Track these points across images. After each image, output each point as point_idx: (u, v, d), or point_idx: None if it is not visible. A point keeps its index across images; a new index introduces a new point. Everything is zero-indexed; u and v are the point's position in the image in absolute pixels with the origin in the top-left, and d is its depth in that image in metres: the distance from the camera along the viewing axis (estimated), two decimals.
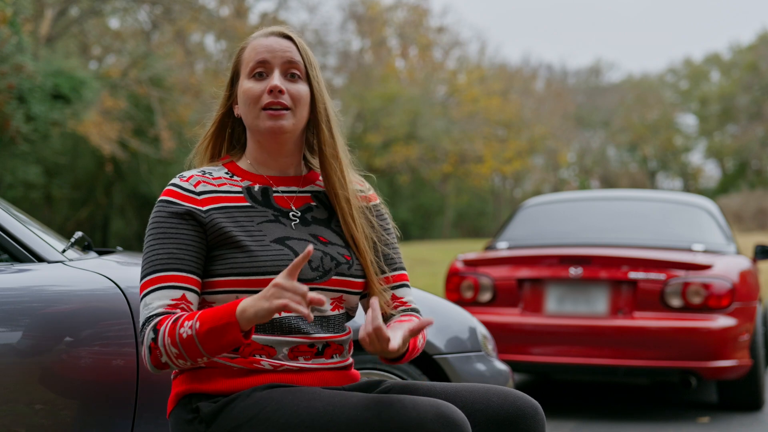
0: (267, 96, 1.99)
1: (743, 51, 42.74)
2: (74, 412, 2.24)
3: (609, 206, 6.53)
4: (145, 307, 1.91)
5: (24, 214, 2.67)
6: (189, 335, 1.82)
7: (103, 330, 2.29)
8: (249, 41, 2.07)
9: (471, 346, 2.96)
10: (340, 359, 2.03)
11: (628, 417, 5.42)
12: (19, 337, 2.20)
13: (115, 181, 22.50)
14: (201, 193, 1.99)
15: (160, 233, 1.95)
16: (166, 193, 2.00)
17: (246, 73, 2.03)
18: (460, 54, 34.52)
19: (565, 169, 43.54)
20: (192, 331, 1.82)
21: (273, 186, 2.06)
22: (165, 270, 1.92)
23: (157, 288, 1.91)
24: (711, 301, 5.19)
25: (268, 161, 2.07)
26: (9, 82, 11.28)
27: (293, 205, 2.06)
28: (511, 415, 1.91)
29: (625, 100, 44.02)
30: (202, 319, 1.82)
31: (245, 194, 2.02)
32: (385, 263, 2.10)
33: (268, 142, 2.04)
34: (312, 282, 1.97)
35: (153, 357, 1.87)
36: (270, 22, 21.25)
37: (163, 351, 1.85)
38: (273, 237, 1.98)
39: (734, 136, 42.28)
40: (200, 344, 1.82)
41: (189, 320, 1.84)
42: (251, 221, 1.99)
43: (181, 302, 1.91)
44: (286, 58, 2.01)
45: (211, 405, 1.91)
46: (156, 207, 2.00)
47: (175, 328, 1.84)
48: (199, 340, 1.82)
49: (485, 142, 29.70)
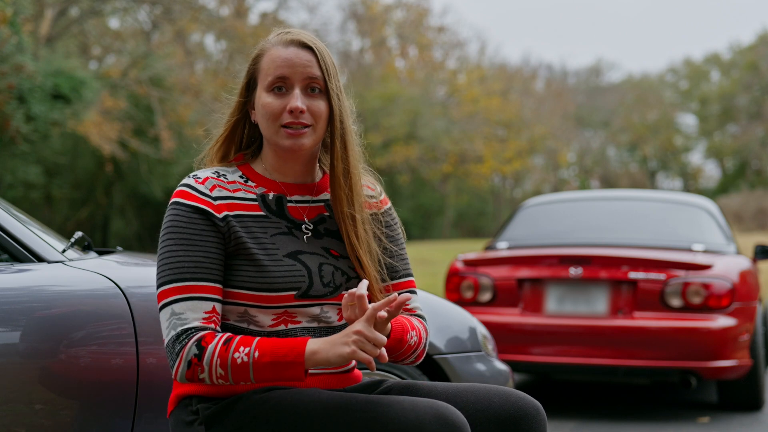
0: (287, 115, 1.94)
1: (743, 51, 42.74)
2: (74, 412, 2.24)
3: (609, 206, 6.53)
4: (175, 316, 1.86)
5: (24, 214, 2.67)
6: (244, 362, 1.81)
7: (103, 330, 2.29)
8: (267, 48, 2.00)
9: (471, 346, 2.96)
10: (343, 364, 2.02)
11: (628, 417, 5.42)
12: (19, 337, 2.20)
13: (115, 181, 22.49)
14: (217, 198, 1.95)
15: (183, 238, 1.91)
16: (181, 194, 1.95)
17: (265, 85, 1.97)
18: (460, 54, 34.54)
19: (565, 169, 43.54)
20: (249, 359, 1.81)
21: (287, 195, 2.03)
22: (193, 279, 1.89)
23: (187, 298, 1.87)
24: (711, 301, 5.18)
25: (283, 168, 2.04)
26: (9, 82, 11.28)
27: (306, 217, 2.03)
28: (513, 416, 1.91)
29: (625, 100, 44.02)
30: (263, 349, 1.81)
31: (260, 203, 1.99)
32: (391, 272, 2.08)
33: (285, 155, 2.01)
34: (323, 298, 1.97)
35: (191, 371, 1.84)
36: (270, 22, 21.25)
37: (207, 369, 1.83)
38: (286, 251, 1.96)
39: (734, 136, 42.29)
40: (254, 372, 1.82)
41: (245, 346, 1.82)
42: (265, 233, 1.96)
43: (213, 315, 1.89)
44: (306, 74, 1.96)
45: (211, 407, 1.91)
46: (172, 208, 1.94)
47: (228, 352, 1.82)
48: (254, 369, 1.82)
49: (485, 142, 29.70)
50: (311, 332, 1.96)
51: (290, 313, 1.95)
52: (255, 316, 1.94)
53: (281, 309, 1.94)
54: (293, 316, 1.95)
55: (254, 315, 1.94)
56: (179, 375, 1.87)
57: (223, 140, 2.07)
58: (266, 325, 1.94)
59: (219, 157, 2.07)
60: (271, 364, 1.81)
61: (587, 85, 47.30)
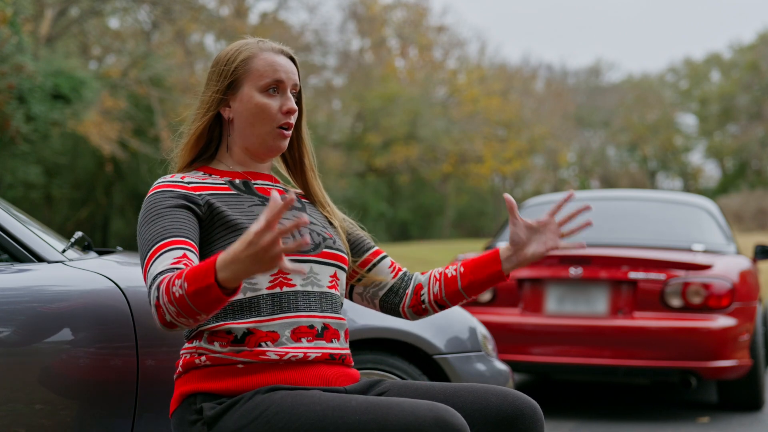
0: (282, 116, 2.09)
1: (743, 50, 42.74)
2: (74, 412, 2.24)
3: (609, 206, 6.53)
4: (150, 276, 1.88)
5: (24, 214, 2.67)
6: (180, 294, 1.78)
7: (103, 330, 2.29)
8: (255, 52, 2.11)
9: (471, 346, 2.96)
10: (338, 345, 2.06)
11: (628, 417, 5.42)
12: (19, 337, 2.20)
13: (115, 181, 22.49)
14: (190, 182, 2.06)
15: (152, 215, 1.98)
16: (155, 188, 2.05)
17: (259, 86, 2.09)
18: (460, 54, 34.55)
19: (565, 169, 43.54)
20: (182, 290, 1.78)
21: (251, 180, 2.14)
22: (161, 239, 1.93)
23: (157, 256, 1.90)
24: (711, 301, 5.19)
25: (248, 163, 2.16)
26: (9, 82, 11.28)
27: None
28: (510, 415, 1.92)
29: (625, 100, 44.01)
30: (188, 278, 1.77)
31: (229, 185, 2.10)
32: (360, 244, 2.25)
33: (262, 154, 2.13)
34: (307, 254, 2.04)
35: (159, 316, 1.84)
36: (270, 22, 21.25)
37: (165, 309, 1.82)
38: None
39: (734, 136, 42.29)
40: (192, 304, 1.77)
41: (179, 279, 1.79)
42: (242, 204, 2.06)
43: (183, 259, 1.90)
44: (293, 81, 2.13)
45: (215, 407, 1.93)
46: (146, 200, 2.03)
47: (170, 287, 1.80)
48: (189, 300, 1.77)
49: (485, 142, 29.70)
50: (308, 296, 2.02)
51: (285, 276, 2.00)
52: (251, 279, 1.97)
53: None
54: (288, 279, 2.00)
55: (251, 278, 1.95)
56: (158, 324, 1.86)
57: (195, 139, 2.12)
58: (263, 287, 1.98)
59: (187, 160, 2.14)
60: (195, 293, 1.75)
61: (587, 85, 47.28)
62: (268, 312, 1.97)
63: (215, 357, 1.96)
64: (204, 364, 1.96)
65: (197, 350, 1.99)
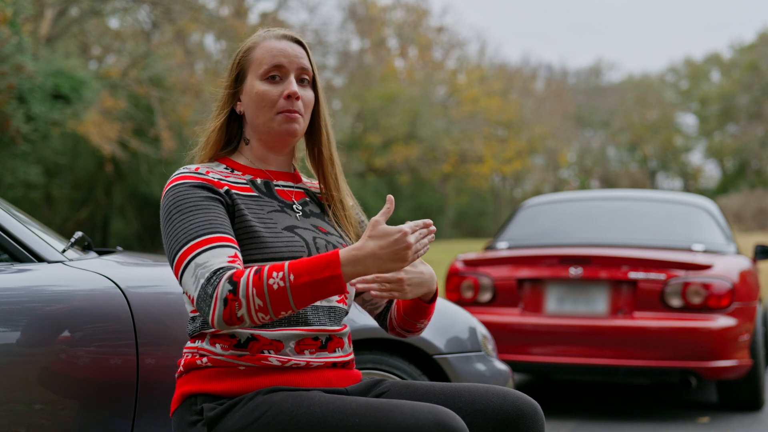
0: (284, 101, 2.04)
1: (744, 50, 42.74)
2: (74, 412, 2.24)
3: (609, 206, 6.53)
4: (200, 267, 1.84)
5: (24, 214, 2.67)
6: (281, 287, 1.79)
7: (103, 330, 2.29)
8: (258, 41, 2.08)
9: (471, 346, 2.96)
10: (342, 353, 2.05)
11: (628, 417, 5.42)
12: (19, 337, 2.20)
13: (115, 181, 22.49)
14: (213, 177, 2.01)
15: (188, 207, 1.93)
16: (178, 178, 1.99)
17: (259, 74, 2.06)
18: (460, 54, 34.54)
19: (565, 169, 43.55)
20: (285, 282, 1.79)
21: (273, 180, 2.11)
22: (210, 233, 1.89)
23: (207, 249, 1.86)
24: (711, 301, 5.18)
25: (267, 158, 2.12)
26: (9, 82, 11.28)
27: (294, 198, 2.11)
28: (511, 416, 1.92)
29: (625, 100, 44.02)
30: (298, 271, 1.80)
31: (251, 186, 2.06)
32: None
33: (275, 142, 2.09)
34: None
35: (228, 310, 1.81)
36: (270, 22, 21.25)
37: (245, 302, 1.80)
38: (283, 225, 2.02)
39: (734, 136, 42.29)
40: (293, 296, 1.79)
41: (277, 271, 1.80)
42: (261, 209, 2.03)
43: (237, 259, 1.88)
44: (300, 65, 2.07)
45: (215, 407, 1.92)
46: (171, 189, 1.97)
47: (262, 280, 1.80)
48: (292, 293, 1.79)
49: (485, 142, 29.69)
50: (317, 310, 2.00)
51: None
52: None
53: None
54: None
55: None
56: (216, 318, 1.82)
57: (215, 135, 2.10)
58: None
59: (207, 158, 2.11)
60: (309, 284, 1.79)
61: (587, 85, 47.30)
62: (275, 322, 1.96)
63: (217, 359, 1.95)
64: (205, 365, 1.96)
65: (199, 351, 1.98)
